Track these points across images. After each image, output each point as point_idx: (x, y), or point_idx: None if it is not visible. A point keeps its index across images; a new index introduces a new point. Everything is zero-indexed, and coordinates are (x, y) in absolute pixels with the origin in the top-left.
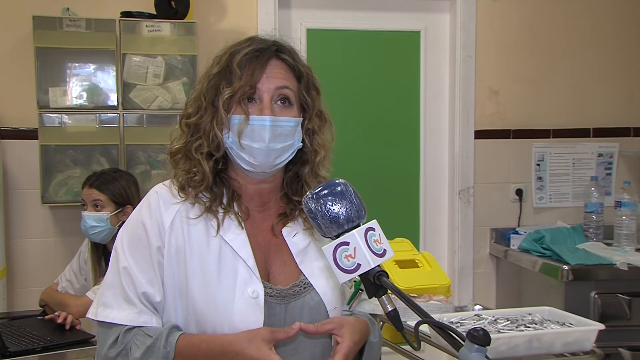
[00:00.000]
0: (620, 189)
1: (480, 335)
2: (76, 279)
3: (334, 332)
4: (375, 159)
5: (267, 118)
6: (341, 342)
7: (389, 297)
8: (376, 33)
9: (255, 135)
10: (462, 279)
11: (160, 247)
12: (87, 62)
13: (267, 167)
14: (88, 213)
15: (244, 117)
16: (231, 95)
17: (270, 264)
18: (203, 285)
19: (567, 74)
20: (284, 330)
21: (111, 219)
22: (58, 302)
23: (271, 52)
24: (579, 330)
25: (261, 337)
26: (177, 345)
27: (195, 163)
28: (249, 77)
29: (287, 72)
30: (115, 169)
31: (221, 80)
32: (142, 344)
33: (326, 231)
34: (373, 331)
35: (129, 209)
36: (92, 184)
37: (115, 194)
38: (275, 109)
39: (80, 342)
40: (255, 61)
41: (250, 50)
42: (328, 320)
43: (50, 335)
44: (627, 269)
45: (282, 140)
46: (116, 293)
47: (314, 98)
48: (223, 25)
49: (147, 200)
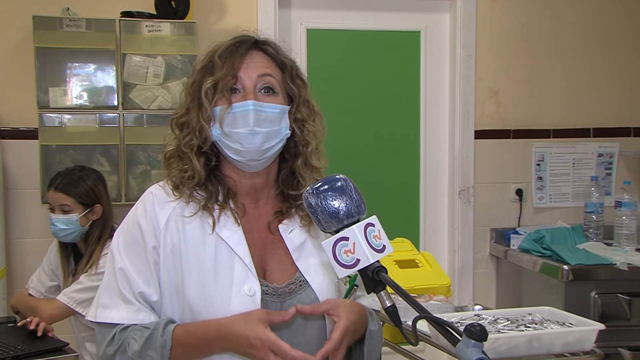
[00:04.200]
0: (620, 189)
1: (477, 330)
2: (48, 279)
3: (329, 312)
4: (375, 158)
5: (249, 102)
6: (338, 321)
7: (388, 293)
8: (376, 33)
9: (238, 121)
10: (462, 279)
11: (155, 246)
12: (87, 62)
13: (255, 153)
14: (56, 216)
15: (227, 106)
16: (213, 86)
17: (266, 261)
18: (199, 284)
19: (567, 74)
20: (280, 313)
21: (80, 220)
22: (29, 307)
23: (251, 43)
24: (579, 330)
25: (256, 317)
26: (174, 334)
27: (187, 160)
28: (230, 67)
29: (268, 61)
30: (80, 167)
31: (204, 75)
32: (140, 337)
33: (326, 226)
34: (372, 319)
35: (98, 208)
36: (57, 187)
37: (82, 195)
38: (259, 96)
39: (53, 350)
40: (236, 52)
41: (231, 42)
42: (324, 302)
43: (22, 344)
44: (627, 269)
45: (267, 125)
46: (113, 294)
47: (299, 87)
48: (223, 25)
49: (142, 201)
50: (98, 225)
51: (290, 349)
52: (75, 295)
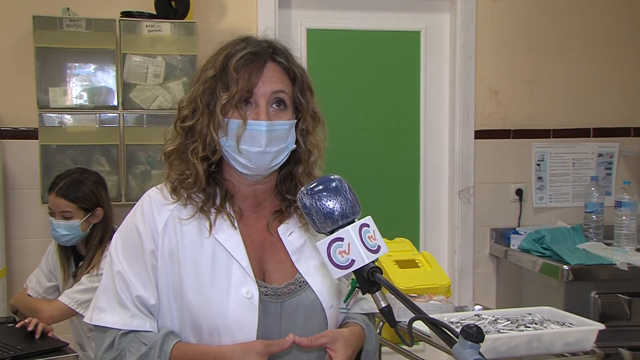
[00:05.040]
0: (620, 189)
1: (474, 332)
2: (46, 279)
3: (327, 345)
4: (375, 159)
5: (263, 123)
6: (334, 356)
7: (383, 293)
8: (376, 33)
9: (252, 140)
10: (462, 279)
11: (153, 250)
12: (87, 62)
13: (263, 170)
14: (57, 222)
15: (242, 122)
16: (228, 99)
17: (265, 262)
18: (197, 287)
19: (567, 73)
20: (278, 342)
21: (82, 225)
22: (29, 307)
23: (267, 55)
24: (579, 330)
25: (255, 352)
26: (172, 356)
27: (190, 165)
28: (246, 81)
29: (282, 75)
30: (81, 170)
31: (217, 84)
32: (136, 352)
33: (320, 227)
34: (369, 338)
35: (99, 211)
36: (59, 192)
37: (84, 201)
38: (270, 112)
39: (53, 350)
40: (252, 65)
41: (246, 53)
42: (322, 334)
43: (21, 344)
44: (627, 269)
45: (277, 143)
46: (110, 297)
47: (307, 99)
48: (223, 25)
49: (141, 205)
50: (99, 228)
51: None
52: (76, 296)
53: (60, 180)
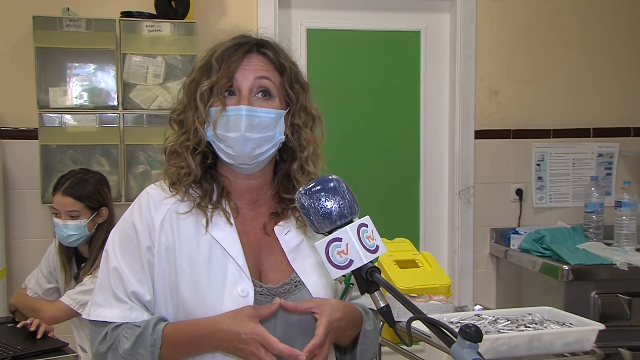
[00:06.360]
0: (620, 189)
1: (472, 331)
2: (46, 281)
3: (312, 309)
4: (375, 159)
5: (242, 107)
6: (320, 317)
7: (381, 293)
8: (376, 33)
9: (230, 125)
10: (462, 279)
11: (150, 246)
12: (87, 62)
13: (247, 158)
14: (64, 222)
15: (220, 108)
16: (210, 88)
17: (261, 262)
18: (192, 284)
19: (567, 73)
20: (267, 306)
21: (88, 225)
22: (30, 307)
23: (250, 46)
24: (579, 330)
25: (245, 314)
26: (164, 332)
27: (182, 158)
28: (226, 69)
29: (267, 64)
30: (85, 170)
31: (202, 76)
32: (131, 336)
33: (319, 227)
34: (367, 319)
35: (104, 211)
36: (65, 191)
37: (91, 199)
38: (254, 100)
39: (52, 350)
40: (233, 54)
41: (231, 44)
42: (308, 299)
43: (21, 344)
44: (627, 269)
45: (260, 130)
46: (107, 293)
47: (297, 92)
48: (223, 25)
49: (139, 201)
50: (103, 228)
51: (278, 342)
52: (78, 297)
53: (65, 180)
